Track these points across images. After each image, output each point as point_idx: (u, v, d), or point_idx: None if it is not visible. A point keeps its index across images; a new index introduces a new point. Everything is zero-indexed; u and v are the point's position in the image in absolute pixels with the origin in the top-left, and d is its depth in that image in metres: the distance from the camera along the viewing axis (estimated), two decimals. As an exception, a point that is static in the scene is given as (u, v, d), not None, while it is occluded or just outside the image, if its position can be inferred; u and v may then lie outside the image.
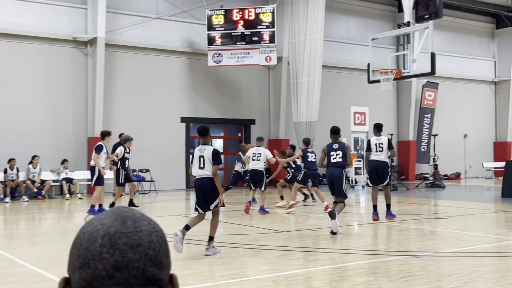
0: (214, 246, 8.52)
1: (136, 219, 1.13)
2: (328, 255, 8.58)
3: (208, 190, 8.42)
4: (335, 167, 10.85)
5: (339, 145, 11.00)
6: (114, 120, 21.12)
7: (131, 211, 1.15)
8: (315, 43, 22.91)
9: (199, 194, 8.55)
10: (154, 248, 1.10)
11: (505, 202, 16.51)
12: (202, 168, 8.44)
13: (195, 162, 8.55)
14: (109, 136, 13.89)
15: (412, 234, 10.78)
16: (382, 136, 13.05)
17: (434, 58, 15.97)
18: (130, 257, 1.07)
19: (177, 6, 22.81)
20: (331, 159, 10.91)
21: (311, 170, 14.32)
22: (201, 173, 8.45)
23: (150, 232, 1.12)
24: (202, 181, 8.45)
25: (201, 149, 8.53)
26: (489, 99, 32.75)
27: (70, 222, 13.67)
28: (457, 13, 30.14)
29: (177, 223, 12.77)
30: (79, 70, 20.67)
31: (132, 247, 1.08)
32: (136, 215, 1.14)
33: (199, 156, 8.49)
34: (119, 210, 1.15)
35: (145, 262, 1.08)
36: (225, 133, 25.15)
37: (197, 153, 8.55)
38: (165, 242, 1.14)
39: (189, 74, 23.08)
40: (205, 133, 8.56)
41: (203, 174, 8.44)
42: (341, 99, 26.40)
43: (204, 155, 8.44)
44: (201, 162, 8.46)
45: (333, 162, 10.88)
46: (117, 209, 1.16)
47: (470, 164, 31.27)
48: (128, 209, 1.16)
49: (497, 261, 8.12)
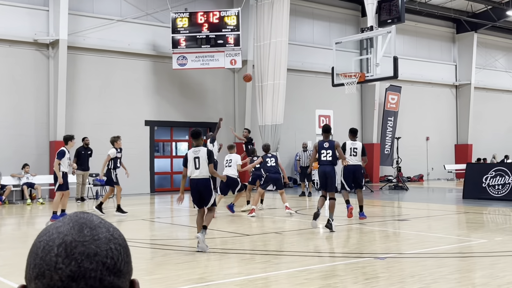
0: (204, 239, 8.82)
1: (94, 226, 1.10)
2: (293, 258, 8.60)
3: (203, 190, 8.97)
4: (326, 165, 11.30)
5: (329, 143, 11.36)
6: (77, 123, 20.82)
7: (90, 218, 1.12)
8: (280, 47, 23.01)
9: (194, 193, 9.07)
10: (112, 256, 1.07)
11: (466, 204, 16.82)
12: (198, 168, 8.94)
13: (191, 163, 8.97)
14: (72, 141, 13.69)
15: (376, 236, 10.89)
16: (358, 142, 13.49)
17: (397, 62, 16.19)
18: (86, 267, 1.04)
19: (141, 9, 22.63)
20: (322, 157, 11.34)
21: (272, 174, 14.54)
22: (197, 174, 8.96)
23: (108, 240, 1.09)
24: (197, 181, 8.98)
25: (195, 150, 9.03)
26: (450, 102, 33.39)
27: (32, 227, 13.40)
28: (419, 18, 30.66)
29: (141, 227, 12.65)
30: (40, 73, 20.31)
31: (88, 256, 1.05)
32: (94, 222, 1.11)
33: (194, 158, 8.97)
34: (77, 217, 1.12)
35: (103, 271, 1.05)
36: (190, 136, 25.00)
37: (192, 154, 9.02)
38: (125, 249, 1.11)
39: (153, 77, 22.91)
40: (197, 136, 9.16)
41: (199, 175, 8.95)
42: (306, 102, 26.56)
43: (199, 156, 8.94)
44: (196, 163, 8.95)
45: (323, 159, 11.32)
46: (75, 215, 1.12)
47: (432, 166, 31.80)
48: (87, 215, 1.13)
49: (459, 261, 8.25)
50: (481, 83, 33.97)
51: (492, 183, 17.50)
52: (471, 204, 16.57)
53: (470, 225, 12.43)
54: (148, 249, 9.50)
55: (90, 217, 1.12)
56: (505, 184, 17.21)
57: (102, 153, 20.58)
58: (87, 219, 1.11)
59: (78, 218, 1.11)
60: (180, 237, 11.40)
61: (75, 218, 1.11)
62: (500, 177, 17.37)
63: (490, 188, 17.54)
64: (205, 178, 8.97)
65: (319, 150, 11.38)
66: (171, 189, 23.94)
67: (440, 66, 32.63)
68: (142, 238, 10.70)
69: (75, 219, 1.11)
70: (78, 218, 1.11)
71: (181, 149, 25.40)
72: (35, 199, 18.83)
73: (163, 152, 24.67)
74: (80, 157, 19.28)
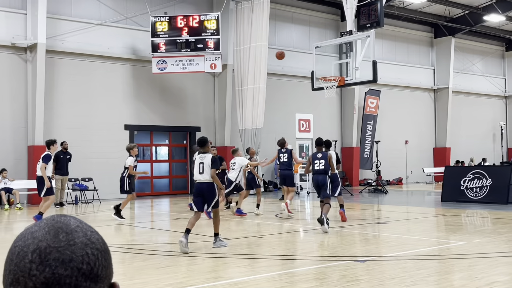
0: (221, 239, 9.65)
1: (70, 231, 1.08)
2: (274, 261, 8.60)
3: (206, 194, 9.59)
4: (319, 174, 12.12)
5: (322, 154, 12.28)
6: (55, 128, 20.62)
7: (66, 222, 1.10)
8: (259, 51, 23.05)
9: (197, 196, 9.67)
10: (88, 262, 1.05)
11: (444, 206, 16.99)
12: (202, 173, 9.62)
13: (196, 168, 9.68)
14: (54, 145, 13.61)
15: (356, 239, 10.94)
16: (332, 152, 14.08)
17: (376, 66, 16.30)
18: (61, 273, 1.03)
19: (121, 13, 22.52)
20: (315, 167, 12.21)
21: (282, 170, 15.49)
22: (201, 178, 9.62)
23: (85, 245, 1.07)
24: (201, 185, 9.62)
25: (201, 156, 9.75)
26: (429, 106, 33.71)
27: (10, 233, 13.22)
28: (397, 23, 30.96)
29: (121, 232, 12.56)
30: (18, 77, 20.09)
31: (63, 262, 1.03)
32: (71, 226, 1.09)
33: (199, 163, 9.67)
34: (54, 221, 1.09)
35: (78, 278, 1.04)
36: (170, 141, 24.94)
37: (198, 160, 9.74)
38: (103, 253, 1.09)
39: (133, 81, 22.79)
40: (204, 144, 9.87)
41: (202, 179, 9.61)
42: (286, 106, 26.62)
43: (204, 162, 9.63)
44: (201, 168, 9.63)
45: (317, 169, 12.17)
46: (51, 219, 1.10)
47: (411, 170, 32.07)
48: (64, 219, 1.11)
49: (438, 263, 8.33)
50: (458, 87, 34.37)
51: (470, 185, 17.69)
52: (450, 206, 16.73)
53: (448, 227, 12.55)
54: (128, 254, 9.44)
55: (67, 220, 1.10)
56: (483, 187, 17.41)
57: (81, 157, 20.48)
58: (63, 223, 1.09)
59: (55, 222, 1.09)
60: (160, 242, 11.34)
61: (52, 222, 1.09)
62: (478, 180, 17.57)
63: (468, 191, 17.73)
64: (209, 182, 9.57)
65: (313, 161, 12.22)
66: (151, 194, 23.82)
67: (418, 70, 32.95)
68: (122, 243, 10.62)
69: (51, 224, 1.09)
70: (54, 222, 1.09)
71: (161, 153, 25.29)
72: (13, 204, 18.60)
73: (143, 157, 24.52)
74: (59, 161, 19.07)
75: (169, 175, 25.04)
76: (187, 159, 24.70)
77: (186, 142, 24.77)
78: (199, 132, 24.50)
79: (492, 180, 17.25)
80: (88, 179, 20.88)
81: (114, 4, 22.42)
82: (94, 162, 21.38)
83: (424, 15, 30.67)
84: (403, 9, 29.63)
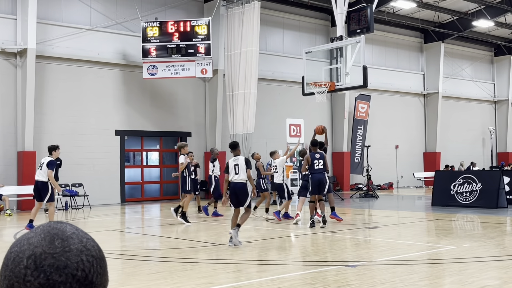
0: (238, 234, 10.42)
1: (66, 237, 1.08)
2: (265, 267, 8.60)
3: (239, 193, 10.51)
4: (319, 173, 12.88)
5: (320, 154, 12.94)
6: (45, 133, 20.54)
7: (62, 229, 1.10)
8: (250, 56, 23.08)
9: (233, 194, 10.57)
10: (83, 268, 1.06)
11: (435, 211, 17.05)
12: (238, 174, 10.56)
13: (232, 170, 10.61)
14: (56, 151, 13.39)
15: (347, 243, 10.97)
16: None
17: (366, 71, 16.36)
18: (55, 280, 1.03)
19: (111, 18, 22.49)
20: (315, 166, 12.86)
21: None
22: (236, 178, 10.57)
23: (80, 252, 1.07)
24: (236, 185, 10.57)
25: (235, 159, 10.72)
26: (419, 111, 33.87)
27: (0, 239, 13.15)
28: (387, 28, 31.12)
29: (111, 238, 12.52)
30: (8, 82, 20.00)
31: (58, 268, 1.04)
32: (67, 232, 1.09)
33: (234, 165, 10.63)
34: (50, 227, 1.10)
35: (72, 284, 1.04)
36: (160, 146, 24.90)
37: (232, 162, 10.71)
38: (98, 260, 1.10)
39: (123, 86, 22.75)
40: (235, 147, 10.92)
41: (237, 179, 10.56)
42: (277, 111, 26.66)
43: (238, 163, 10.59)
44: (236, 169, 10.59)
45: (317, 168, 12.86)
46: (48, 226, 1.11)
47: (402, 174, 32.18)
48: (60, 225, 1.11)
49: (429, 268, 8.36)
50: (448, 92, 34.56)
51: (460, 190, 17.78)
52: (440, 211, 16.80)
53: (439, 232, 12.60)
54: (119, 259, 9.40)
55: (63, 227, 1.11)
56: (473, 191, 17.50)
57: (72, 163, 20.39)
58: (59, 230, 1.09)
59: (51, 228, 1.10)
60: (151, 248, 11.31)
61: (48, 229, 1.09)
62: (468, 185, 17.66)
63: (458, 195, 17.81)
64: (243, 182, 10.54)
65: (312, 161, 12.86)
66: (142, 199, 23.75)
67: (408, 75, 33.11)
68: (112, 248, 10.58)
69: (47, 230, 1.09)
70: (50, 228, 1.10)
71: (152, 158, 25.23)
72: (3, 210, 18.48)
73: (133, 162, 24.48)
74: None
75: (160, 180, 24.99)
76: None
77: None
78: (189, 137, 24.49)
79: (482, 185, 17.34)
80: (79, 184, 20.79)
81: (105, 9, 22.39)
82: (84, 167, 21.30)
83: (413, 20, 30.86)
84: (393, 15, 29.80)
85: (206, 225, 14.30)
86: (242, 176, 10.51)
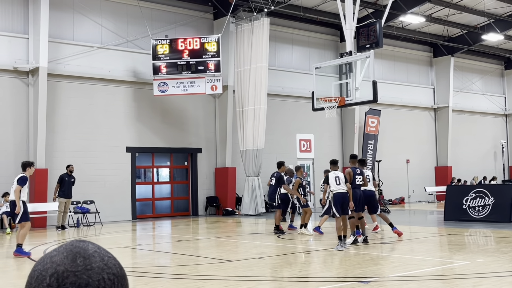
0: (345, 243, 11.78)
1: (88, 255, 1.10)
2: (277, 283, 8.57)
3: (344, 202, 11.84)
4: (358, 188, 12.86)
5: (361, 171, 13.06)
6: (57, 151, 20.67)
7: (85, 247, 1.12)
8: (260, 72, 23.18)
9: (338, 203, 11.76)
10: (104, 286, 1.08)
11: (447, 225, 16.93)
12: (339, 184, 11.89)
13: (333, 181, 11.97)
14: (31, 167, 12.48)
15: (360, 259, 10.90)
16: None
17: (376, 86, 16.36)
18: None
19: (122, 36, 22.69)
20: (356, 182, 12.83)
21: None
22: (339, 188, 11.91)
23: (101, 270, 1.09)
24: (341, 194, 11.90)
25: (335, 173, 12.16)
26: (429, 125, 33.77)
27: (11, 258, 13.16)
28: (396, 43, 31.15)
29: (123, 255, 12.52)
30: (20, 100, 20.19)
31: (80, 286, 1.06)
32: (89, 251, 1.11)
33: (335, 177, 12.02)
34: (72, 246, 1.12)
35: None
36: (171, 162, 24.96)
37: (333, 175, 12.12)
38: (119, 278, 1.12)
39: (134, 103, 22.89)
40: (335, 163, 12.66)
41: (341, 189, 11.90)
42: (287, 126, 26.68)
43: (339, 176, 12.03)
44: (337, 180, 11.96)
45: (357, 184, 12.84)
46: (70, 244, 1.13)
47: (413, 189, 32.01)
48: (82, 244, 1.13)
49: (442, 284, 8.29)
50: (458, 105, 34.45)
51: (473, 204, 17.66)
52: (453, 226, 16.68)
53: (452, 247, 12.51)
54: (131, 277, 9.40)
55: (86, 246, 1.13)
56: (485, 206, 17.37)
57: (83, 180, 20.48)
58: (81, 248, 1.12)
59: (73, 247, 1.12)
60: (162, 265, 11.30)
61: (70, 247, 1.12)
62: (480, 199, 17.54)
63: (470, 210, 17.69)
64: (346, 191, 11.87)
65: (354, 175, 12.78)
66: (153, 216, 23.77)
67: (418, 90, 33.06)
68: (124, 266, 10.49)
69: (69, 248, 1.11)
70: (73, 247, 1.12)
71: (163, 175, 25.29)
72: (15, 228, 18.53)
73: (144, 179, 24.54)
74: (63, 183, 19.06)
75: (171, 196, 25.02)
76: (189, 181, 24.70)
77: (188, 163, 24.78)
78: (200, 153, 24.54)
79: (495, 199, 17.22)
80: (90, 201, 20.85)
81: (115, 28, 22.60)
82: (95, 184, 21.38)
83: (423, 35, 30.88)
84: (402, 29, 29.85)
85: (217, 241, 14.27)
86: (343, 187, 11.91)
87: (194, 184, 24.49)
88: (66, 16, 21.48)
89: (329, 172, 12.48)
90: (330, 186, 12.16)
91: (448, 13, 28.51)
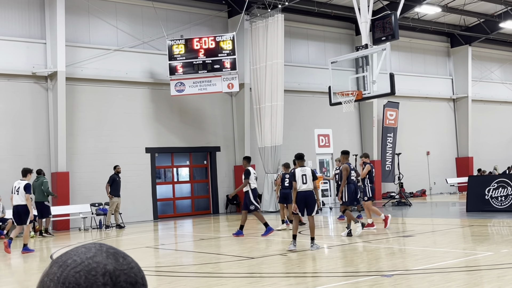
0: (315, 243, 11.29)
1: (124, 255, 1.12)
2: (299, 279, 8.57)
3: (308, 201, 11.30)
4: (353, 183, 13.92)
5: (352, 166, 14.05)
6: (77, 153, 20.87)
7: (113, 247, 1.13)
8: (276, 68, 23.15)
9: (301, 203, 11.28)
10: (144, 283, 1.11)
11: (470, 217, 16.79)
12: (305, 183, 11.29)
13: (299, 179, 11.28)
14: (30, 173, 14.17)
15: (382, 253, 10.86)
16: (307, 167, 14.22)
17: (393, 79, 16.26)
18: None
19: (137, 38, 22.82)
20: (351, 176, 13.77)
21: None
22: (304, 187, 11.30)
23: (139, 268, 1.12)
24: (305, 193, 11.30)
25: (302, 170, 11.41)
26: (449, 116, 33.46)
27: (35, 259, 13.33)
28: (412, 34, 30.90)
29: (146, 255, 12.61)
30: (40, 105, 20.41)
31: (131, 284, 1.08)
32: (121, 251, 1.13)
33: (301, 175, 11.31)
34: (102, 247, 1.12)
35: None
36: (190, 162, 25.06)
37: (300, 172, 11.36)
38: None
39: (152, 104, 23.01)
40: (302, 158, 11.72)
41: (306, 188, 11.30)
42: (305, 122, 26.63)
43: (306, 174, 11.33)
44: (303, 179, 11.29)
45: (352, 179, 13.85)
46: (99, 245, 1.12)
47: (435, 181, 31.76)
48: (107, 245, 1.14)
49: (466, 275, 8.23)
50: (478, 95, 34.10)
51: (495, 195, 17.48)
52: (475, 217, 16.54)
53: (475, 238, 12.40)
54: (154, 276, 9.46)
55: (113, 247, 1.14)
56: (508, 196, 17.19)
57: (104, 182, 20.63)
58: (113, 248, 1.13)
59: (107, 248, 1.12)
60: (185, 263, 11.36)
61: (104, 248, 1.11)
62: (502, 189, 17.36)
63: (493, 200, 17.52)
64: (311, 190, 11.35)
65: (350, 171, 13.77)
66: (174, 215, 23.89)
67: (436, 81, 32.78)
68: (147, 265, 10.66)
69: (104, 249, 1.11)
70: (107, 248, 1.12)
71: (182, 174, 25.40)
72: (38, 231, 18.74)
73: (164, 179, 24.67)
74: (114, 183, 19.77)
75: (191, 195, 25.13)
76: (208, 179, 24.78)
77: (207, 162, 24.86)
78: (219, 152, 24.60)
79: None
80: (111, 203, 20.98)
81: (131, 30, 22.73)
82: (116, 186, 21.52)
83: (439, 25, 30.59)
84: (418, 20, 29.60)
85: (238, 239, 14.30)
86: (310, 185, 11.31)
87: (214, 183, 24.57)
88: (82, 20, 21.65)
89: (296, 168, 11.57)
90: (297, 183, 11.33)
91: (464, 2, 28.21)
